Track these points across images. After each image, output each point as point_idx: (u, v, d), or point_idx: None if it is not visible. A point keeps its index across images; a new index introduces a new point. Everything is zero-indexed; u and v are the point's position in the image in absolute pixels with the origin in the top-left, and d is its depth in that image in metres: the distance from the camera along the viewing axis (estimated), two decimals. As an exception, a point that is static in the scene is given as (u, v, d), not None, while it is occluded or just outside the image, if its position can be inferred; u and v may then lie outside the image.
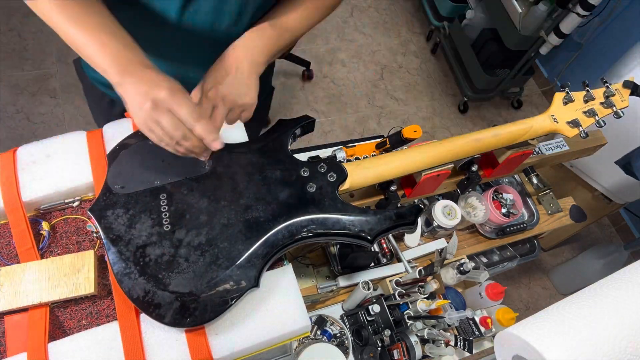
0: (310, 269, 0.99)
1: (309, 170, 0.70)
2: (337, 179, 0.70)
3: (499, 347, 0.55)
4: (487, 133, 0.82)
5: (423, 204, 1.12)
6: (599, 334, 0.47)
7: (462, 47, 2.48)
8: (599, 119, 0.84)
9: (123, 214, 0.64)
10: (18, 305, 0.60)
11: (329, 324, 0.94)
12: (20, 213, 0.66)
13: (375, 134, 2.39)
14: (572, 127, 0.84)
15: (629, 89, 0.86)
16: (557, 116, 0.85)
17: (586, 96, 0.85)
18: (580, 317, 0.48)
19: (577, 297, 0.52)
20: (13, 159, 0.69)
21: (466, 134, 0.82)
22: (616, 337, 0.46)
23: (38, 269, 0.62)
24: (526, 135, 0.84)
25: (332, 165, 0.72)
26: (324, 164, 0.71)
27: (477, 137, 0.81)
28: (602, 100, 0.85)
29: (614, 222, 2.43)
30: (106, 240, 0.62)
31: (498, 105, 2.67)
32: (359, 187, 0.74)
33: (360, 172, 0.73)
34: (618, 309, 0.49)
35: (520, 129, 0.84)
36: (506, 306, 1.06)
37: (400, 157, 0.78)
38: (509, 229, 1.14)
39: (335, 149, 1.06)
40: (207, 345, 0.60)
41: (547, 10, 1.95)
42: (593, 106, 0.85)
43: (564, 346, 0.46)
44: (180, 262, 0.61)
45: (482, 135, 0.81)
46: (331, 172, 0.71)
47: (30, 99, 1.98)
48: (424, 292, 0.95)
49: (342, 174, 0.71)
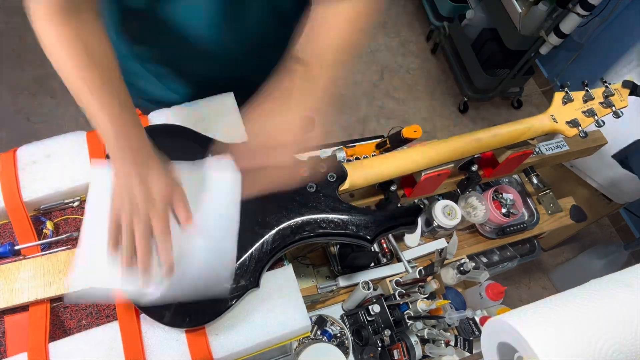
0: (310, 269, 0.99)
1: (308, 170, 0.70)
2: (337, 179, 0.70)
3: (486, 336, 0.56)
4: (487, 133, 0.82)
5: (423, 204, 1.12)
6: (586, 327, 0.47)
7: (462, 47, 2.48)
8: (598, 118, 0.84)
9: None
10: (14, 303, 0.60)
11: (329, 324, 0.94)
12: (22, 213, 0.66)
13: (375, 134, 2.39)
14: (571, 126, 0.84)
15: (628, 89, 0.86)
16: (557, 116, 0.85)
17: (585, 96, 0.85)
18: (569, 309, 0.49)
19: (569, 293, 0.53)
20: (13, 159, 0.69)
21: (466, 134, 0.82)
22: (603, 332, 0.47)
23: (33, 266, 0.62)
24: (526, 135, 0.84)
25: (332, 165, 0.72)
26: (324, 164, 0.71)
27: (476, 137, 0.81)
28: (601, 100, 0.85)
29: (614, 222, 2.43)
30: None
31: (498, 105, 2.67)
32: (359, 187, 0.75)
33: (360, 172, 0.73)
34: (611, 307, 0.49)
35: (520, 128, 0.84)
36: (506, 306, 1.06)
37: (400, 157, 0.78)
38: (509, 229, 1.14)
39: (335, 149, 1.06)
40: (207, 346, 0.60)
41: (547, 10, 1.95)
42: (592, 106, 0.85)
43: (549, 333, 0.47)
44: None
45: (481, 135, 0.82)
46: (331, 172, 0.71)
47: (30, 99, 1.98)
48: (424, 292, 0.95)
49: (342, 174, 0.71)
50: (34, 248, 0.65)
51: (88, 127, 0.76)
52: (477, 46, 2.43)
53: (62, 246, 0.67)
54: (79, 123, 1.94)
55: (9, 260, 0.63)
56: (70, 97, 0.59)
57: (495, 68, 2.43)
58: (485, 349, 0.57)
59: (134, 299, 0.58)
